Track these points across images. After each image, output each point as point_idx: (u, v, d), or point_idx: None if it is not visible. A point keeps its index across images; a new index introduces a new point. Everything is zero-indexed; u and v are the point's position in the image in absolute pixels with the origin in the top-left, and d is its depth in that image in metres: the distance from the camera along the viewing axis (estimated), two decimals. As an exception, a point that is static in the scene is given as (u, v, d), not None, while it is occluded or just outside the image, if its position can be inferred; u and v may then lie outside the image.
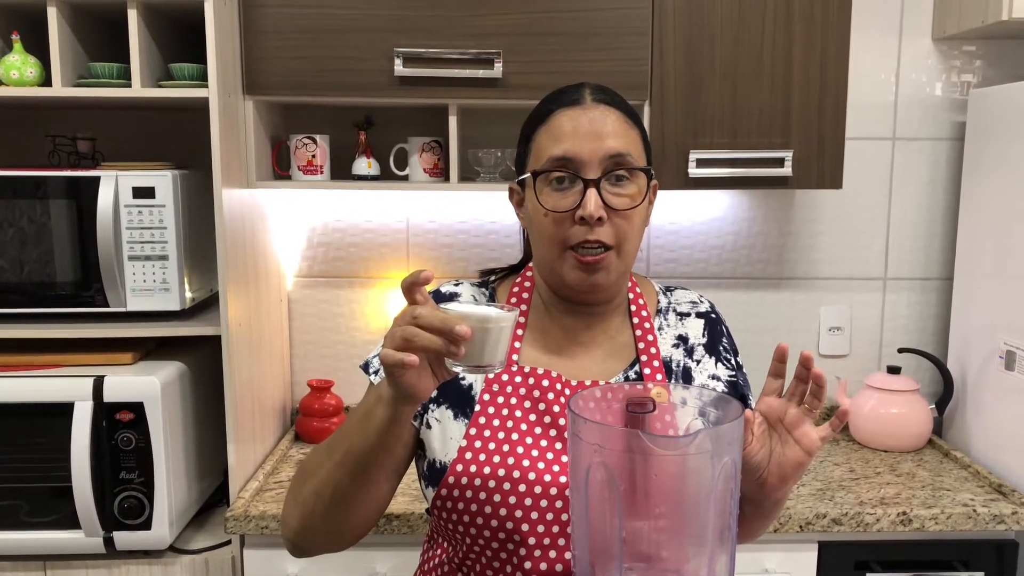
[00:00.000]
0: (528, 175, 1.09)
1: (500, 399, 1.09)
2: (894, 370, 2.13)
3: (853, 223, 2.23)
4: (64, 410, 1.63)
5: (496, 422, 1.07)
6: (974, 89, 2.10)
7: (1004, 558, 1.77)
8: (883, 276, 2.25)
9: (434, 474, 1.09)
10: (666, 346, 1.17)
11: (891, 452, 2.08)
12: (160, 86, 1.72)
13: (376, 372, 1.14)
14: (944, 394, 2.13)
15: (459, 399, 1.11)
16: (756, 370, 2.30)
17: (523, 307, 1.16)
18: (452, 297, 1.18)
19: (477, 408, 1.09)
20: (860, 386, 2.17)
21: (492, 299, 1.20)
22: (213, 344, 1.77)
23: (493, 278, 1.24)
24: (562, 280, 1.09)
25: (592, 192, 1.04)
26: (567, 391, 1.09)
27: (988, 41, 2.16)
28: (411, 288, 0.88)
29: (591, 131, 1.05)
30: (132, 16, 1.65)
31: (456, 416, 1.10)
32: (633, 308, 1.18)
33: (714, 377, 1.17)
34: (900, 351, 2.21)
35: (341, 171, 2.03)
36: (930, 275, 2.25)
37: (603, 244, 1.05)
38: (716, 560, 0.77)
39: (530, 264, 1.21)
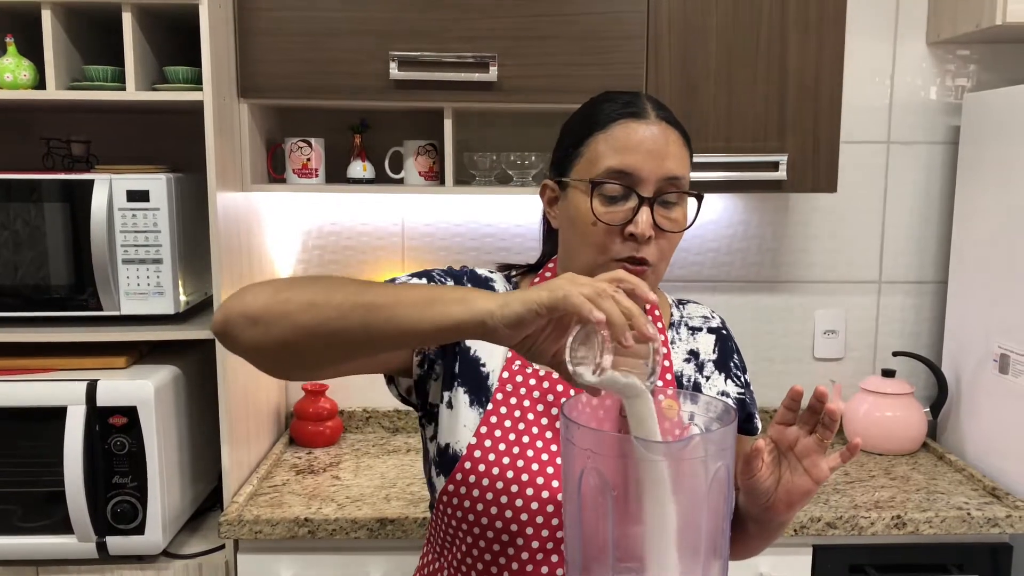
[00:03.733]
0: (582, 181, 1.07)
1: (513, 400, 1.08)
2: (889, 373, 2.13)
3: (848, 226, 2.23)
4: (57, 414, 1.63)
5: (508, 423, 1.07)
6: (968, 93, 2.10)
7: (998, 561, 1.77)
8: (878, 279, 2.26)
9: (445, 461, 1.08)
10: (677, 360, 1.16)
11: (885, 455, 2.08)
12: (154, 89, 1.72)
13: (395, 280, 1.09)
14: (938, 397, 2.13)
15: (477, 385, 1.09)
16: (751, 373, 2.30)
17: None
18: (487, 282, 1.15)
19: (490, 407, 1.08)
20: (855, 389, 2.17)
21: None
22: (207, 348, 1.76)
23: (514, 273, 1.22)
24: None
25: (645, 210, 1.03)
26: (583, 397, 1.08)
27: (982, 45, 2.16)
28: (619, 283, 0.82)
29: (654, 149, 1.04)
30: (126, 19, 1.65)
31: (472, 403, 1.08)
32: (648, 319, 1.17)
33: (723, 394, 1.17)
34: (895, 354, 2.21)
35: (336, 174, 2.02)
36: (924, 278, 2.26)
37: (646, 261, 1.05)
38: (709, 566, 0.77)
39: (548, 265, 1.19)
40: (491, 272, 1.20)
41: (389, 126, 2.07)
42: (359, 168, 1.99)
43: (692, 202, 1.10)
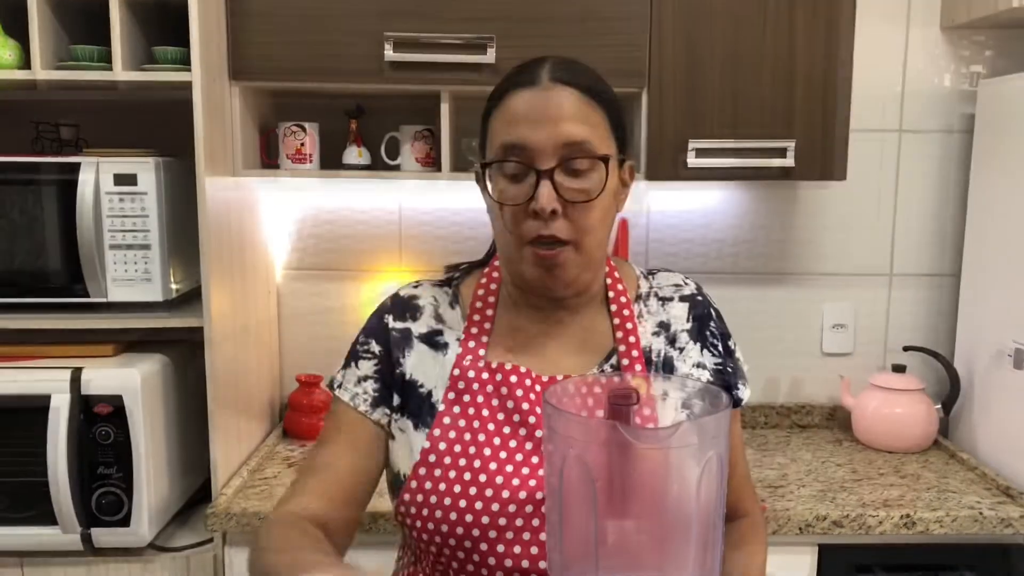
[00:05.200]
0: (478, 167, 1.02)
1: (466, 397, 1.03)
2: (899, 369, 2.08)
3: (858, 217, 2.17)
4: (41, 403, 1.58)
5: (461, 423, 1.02)
6: (983, 80, 2.04)
7: (1011, 562, 1.71)
8: (888, 272, 2.20)
9: (398, 484, 1.05)
10: (646, 335, 1.09)
11: (895, 453, 2.02)
12: (143, 70, 1.68)
13: (341, 386, 1.10)
14: (950, 394, 2.07)
15: (418, 409, 1.06)
16: (756, 368, 2.24)
17: (491, 299, 1.11)
18: (410, 301, 1.12)
19: (441, 408, 1.03)
20: (864, 385, 2.11)
21: (456, 299, 1.12)
22: (197, 337, 1.72)
23: (457, 274, 1.17)
24: (522, 276, 1.03)
25: (545, 184, 0.95)
26: (538, 387, 1.03)
27: (998, 30, 2.10)
28: None
29: (546, 116, 0.96)
30: (114, -2, 1.60)
31: (416, 426, 1.05)
32: (611, 295, 1.10)
33: (699, 365, 1.10)
34: (905, 349, 2.15)
35: (331, 160, 1.98)
36: (937, 271, 2.19)
37: (559, 240, 0.97)
38: (700, 563, 0.71)
39: (495, 262, 1.14)
40: (416, 287, 1.14)
41: (385, 111, 2.02)
42: (354, 154, 1.94)
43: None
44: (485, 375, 1.04)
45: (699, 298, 1.14)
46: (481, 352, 1.06)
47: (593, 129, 0.98)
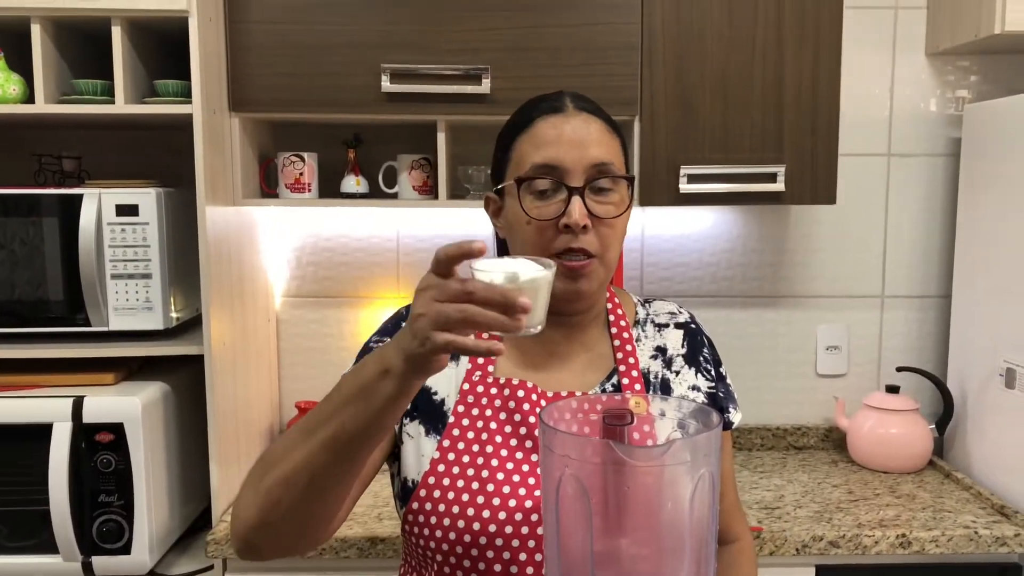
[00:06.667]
0: (510, 183, 1.08)
1: (475, 411, 1.06)
2: (893, 389, 2.09)
3: (849, 240, 2.20)
4: (43, 431, 1.60)
5: (470, 434, 1.04)
6: (969, 104, 2.08)
7: (1008, 581, 1.72)
8: (880, 294, 2.22)
9: (406, 492, 1.06)
10: (644, 357, 1.15)
11: (890, 473, 2.03)
12: (144, 103, 1.71)
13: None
14: (944, 414, 2.09)
15: (431, 415, 1.08)
16: (752, 389, 2.26)
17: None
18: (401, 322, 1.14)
19: (451, 420, 1.06)
20: (858, 406, 2.13)
21: None
22: (197, 364, 1.74)
23: None
24: None
25: (577, 200, 1.03)
26: (543, 402, 1.07)
27: (982, 56, 2.14)
28: (453, 260, 0.80)
29: (575, 139, 1.05)
30: (116, 32, 1.64)
31: (428, 432, 1.07)
32: (612, 319, 1.16)
33: (694, 388, 1.15)
34: (899, 370, 2.17)
35: (330, 189, 2.01)
36: (928, 293, 2.22)
37: (587, 252, 1.04)
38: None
39: None
40: None
41: (383, 140, 2.06)
42: (353, 183, 1.97)
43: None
44: (494, 390, 1.07)
45: (692, 326, 1.20)
46: (490, 368, 1.10)
47: (614, 153, 1.08)
